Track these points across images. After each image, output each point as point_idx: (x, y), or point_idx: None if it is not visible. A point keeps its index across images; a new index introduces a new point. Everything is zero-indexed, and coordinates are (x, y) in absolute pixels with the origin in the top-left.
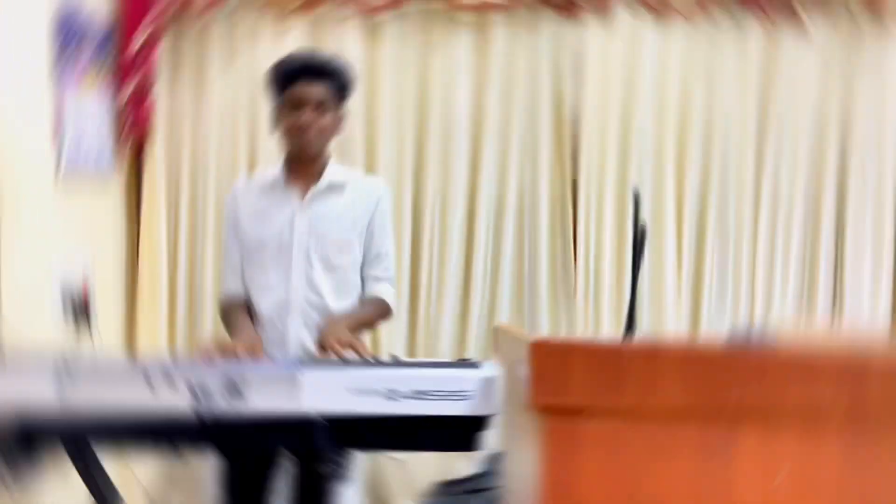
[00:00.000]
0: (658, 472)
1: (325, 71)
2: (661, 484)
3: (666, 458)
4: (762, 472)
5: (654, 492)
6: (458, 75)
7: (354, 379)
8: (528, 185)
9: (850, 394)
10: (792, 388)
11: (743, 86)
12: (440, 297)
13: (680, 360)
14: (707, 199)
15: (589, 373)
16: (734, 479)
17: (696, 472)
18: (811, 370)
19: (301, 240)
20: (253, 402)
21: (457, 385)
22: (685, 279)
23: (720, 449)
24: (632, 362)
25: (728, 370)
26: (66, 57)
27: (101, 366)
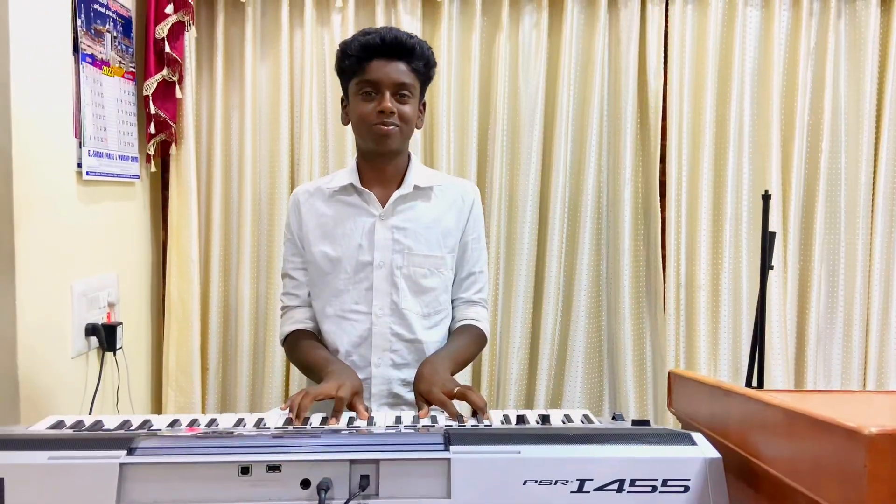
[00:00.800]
0: None
1: (406, 49)
2: None
3: None
4: None
5: None
6: (528, 61)
7: (529, 465)
8: (607, 183)
9: None
10: None
11: (855, 69)
12: (507, 311)
13: None
14: (814, 196)
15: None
16: None
17: None
18: None
19: (384, 257)
20: (389, 499)
21: (671, 471)
22: (791, 290)
23: None
24: None
25: None
26: (87, 48)
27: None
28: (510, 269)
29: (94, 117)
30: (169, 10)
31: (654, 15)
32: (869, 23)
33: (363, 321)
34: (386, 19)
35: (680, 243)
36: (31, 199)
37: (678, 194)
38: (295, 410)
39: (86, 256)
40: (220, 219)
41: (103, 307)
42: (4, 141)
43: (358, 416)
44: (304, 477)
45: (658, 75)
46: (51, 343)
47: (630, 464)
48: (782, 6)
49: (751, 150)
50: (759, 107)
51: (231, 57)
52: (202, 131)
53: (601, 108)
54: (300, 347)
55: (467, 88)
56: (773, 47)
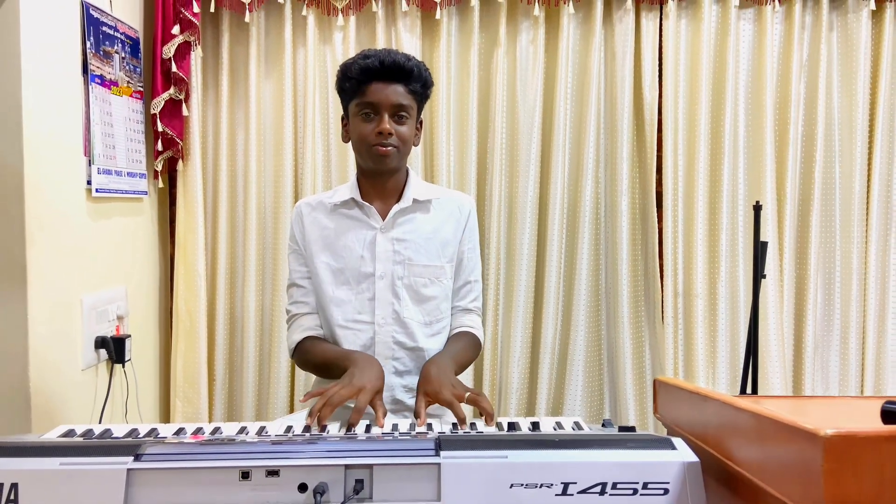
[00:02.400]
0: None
1: (404, 71)
2: None
3: None
4: None
5: None
6: (525, 75)
7: (515, 469)
8: (605, 195)
9: None
10: None
11: (848, 80)
12: (508, 320)
13: None
14: (809, 205)
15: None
16: None
17: None
18: None
19: (385, 268)
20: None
21: (651, 474)
22: (787, 298)
23: None
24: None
25: None
26: (96, 69)
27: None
28: (510, 279)
29: (103, 136)
30: (175, 31)
31: (649, 29)
32: (860, 35)
33: (366, 330)
34: (386, 37)
35: (677, 253)
36: (43, 215)
37: (674, 204)
38: (314, 419)
39: (95, 271)
40: (226, 233)
41: (112, 320)
42: (16, 160)
43: (376, 422)
44: (301, 481)
45: (653, 88)
46: (61, 355)
47: (612, 468)
48: (775, 20)
49: (746, 160)
50: (753, 118)
51: (236, 75)
52: (208, 148)
53: (598, 121)
54: (314, 350)
55: (466, 102)
56: (766, 60)
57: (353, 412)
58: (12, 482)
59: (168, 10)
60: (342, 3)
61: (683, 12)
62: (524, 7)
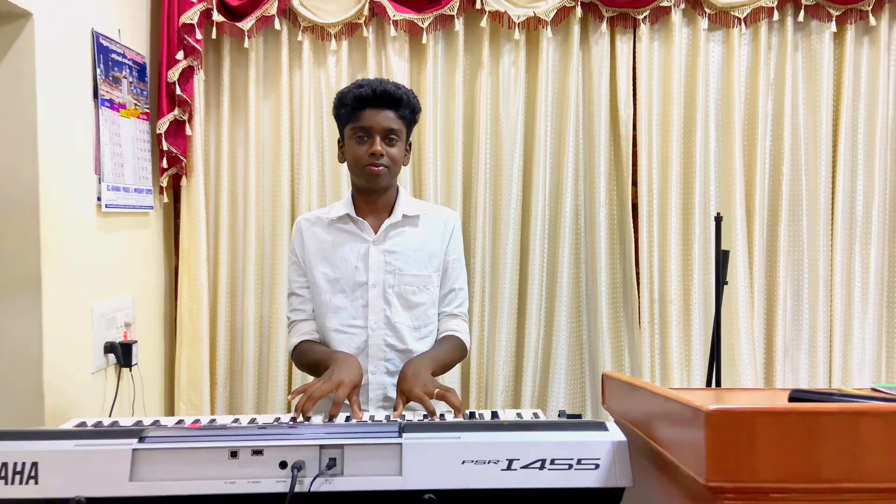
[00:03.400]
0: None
1: (394, 98)
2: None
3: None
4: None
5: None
6: (507, 96)
7: (467, 448)
8: (584, 207)
9: None
10: None
11: (812, 98)
12: (493, 325)
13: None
14: (778, 218)
15: (778, 447)
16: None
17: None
18: None
19: (377, 277)
20: (351, 476)
21: (586, 451)
22: (758, 304)
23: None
24: (829, 431)
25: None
26: (106, 94)
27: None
28: (495, 288)
29: (112, 155)
30: (179, 56)
31: (623, 51)
32: (823, 55)
33: (360, 334)
34: (376, 60)
35: (652, 261)
36: (56, 229)
37: (649, 215)
38: (299, 412)
39: (104, 280)
40: (226, 245)
41: (120, 327)
42: (32, 178)
43: (353, 416)
44: (282, 459)
45: (628, 106)
46: (73, 359)
47: (551, 446)
48: (742, 41)
49: (716, 173)
50: (723, 134)
51: (236, 97)
52: (210, 165)
53: (576, 137)
54: (307, 352)
55: (452, 120)
56: (735, 79)
57: (332, 405)
58: (33, 461)
59: (173, 37)
60: (335, 29)
61: (655, 34)
62: (505, 31)
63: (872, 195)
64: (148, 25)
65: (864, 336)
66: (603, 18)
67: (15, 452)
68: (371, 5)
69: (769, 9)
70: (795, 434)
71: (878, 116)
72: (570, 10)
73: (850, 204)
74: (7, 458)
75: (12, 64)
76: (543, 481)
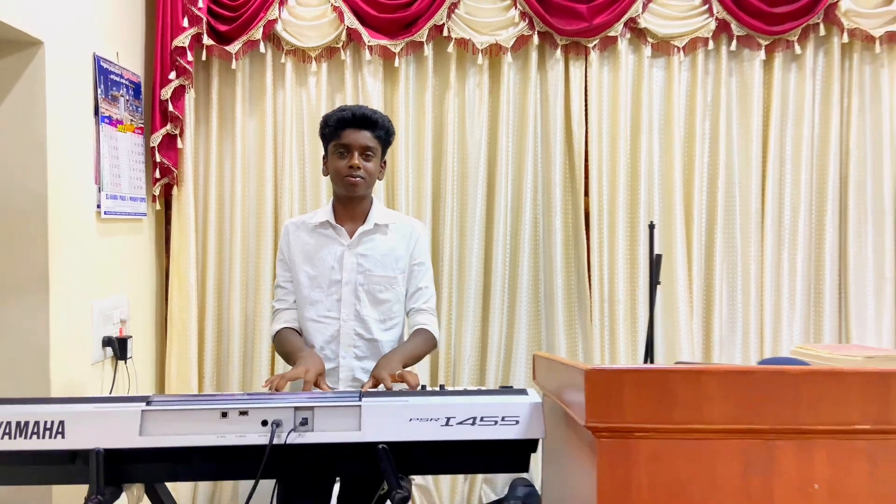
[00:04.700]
0: (704, 485)
1: (372, 121)
2: (708, 496)
3: (711, 472)
4: (798, 484)
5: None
6: (473, 114)
7: (413, 408)
8: (542, 216)
9: (877, 407)
10: (823, 405)
11: (745, 118)
12: (459, 323)
13: (722, 382)
14: (714, 226)
15: (640, 397)
16: (773, 490)
17: (738, 485)
18: (840, 387)
19: (350, 277)
20: (320, 431)
21: (508, 411)
22: (696, 304)
23: (760, 463)
24: (678, 386)
25: (766, 390)
26: (105, 111)
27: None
28: (461, 291)
29: (110, 167)
30: (172, 76)
31: (576, 75)
32: (754, 80)
33: (333, 324)
34: (353, 81)
35: (602, 264)
36: (61, 234)
37: (600, 223)
38: (273, 389)
39: (102, 281)
40: (214, 249)
41: (116, 323)
42: (41, 189)
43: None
44: (263, 418)
45: (581, 124)
46: (76, 352)
47: (481, 407)
48: (682, 67)
49: (659, 185)
50: (664, 150)
51: (224, 113)
52: (199, 176)
53: (535, 152)
54: (285, 341)
55: (422, 136)
56: (675, 101)
57: (303, 384)
58: (60, 420)
59: (166, 58)
60: (315, 52)
61: (605, 61)
62: (470, 56)
63: (799, 205)
64: (143, 47)
65: (793, 332)
66: (557, 46)
67: (45, 413)
68: (348, 32)
69: (705, 39)
70: (653, 387)
71: (804, 135)
72: (528, 38)
73: (778, 213)
74: (39, 418)
75: (25, 87)
76: (474, 434)
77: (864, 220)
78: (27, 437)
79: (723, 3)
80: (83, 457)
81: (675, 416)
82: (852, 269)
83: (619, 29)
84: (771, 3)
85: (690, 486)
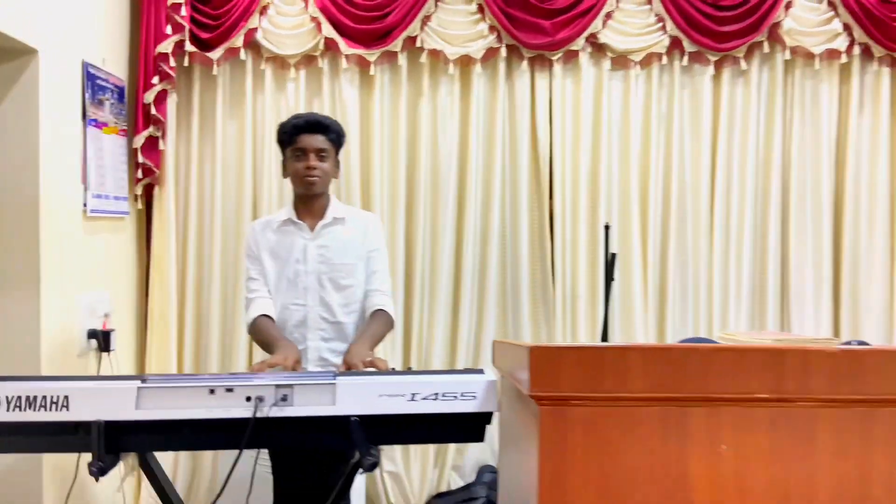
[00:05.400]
0: (628, 445)
1: (324, 125)
2: (630, 454)
3: (634, 434)
4: (708, 445)
5: (625, 460)
6: (445, 121)
7: (382, 385)
8: (509, 217)
9: (773, 379)
10: (728, 377)
11: (696, 128)
12: (432, 317)
13: (645, 357)
14: (668, 227)
15: (575, 370)
16: (687, 450)
17: (657, 445)
18: (742, 362)
19: (313, 266)
20: (299, 406)
21: (466, 388)
22: (651, 299)
23: (675, 427)
24: (608, 360)
25: (681, 364)
26: (92, 114)
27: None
28: (434, 285)
29: (96, 167)
30: (155, 81)
31: (542, 85)
32: (704, 93)
33: (301, 310)
34: (331, 88)
35: (565, 262)
36: (52, 233)
37: (563, 224)
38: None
39: (88, 276)
40: (194, 247)
41: (100, 316)
42: (34, 190)
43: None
44: (247, 394)
45: (546, 132)
46: (64, 343)
47: (442, 384)
48: (638, 80)
49: (618, 190)
50: (622, 157)
51: (205, 117)
52: (180, 176)
53: (503, 156)
54: (261, 329)
55: (397, 141)
56: (632, 111)
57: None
58: (65, 394)
59: (149, 64)
60: (294, 60)
61: (568, 73)
62: (442, 66)
63: (745, 209)
64: (127, 53)
65: (739, 327)
66: (524, 58)
67: (51, 388)
68: (326, 41)
69: (659, 54)
70: (586, 362)
71: (750, 144)
72: (496, 50)
73: (725, 216)
74: (46, 393)
75: (20, 93)
76: (436, 408)
77: (804, 224)
78: (35, 410)
79: (676, 21)
80: (85, 428)
81: (605, 386)
82: (793, 268)
83: (581, 44)
84: (719, 22)
85: (617, 447)
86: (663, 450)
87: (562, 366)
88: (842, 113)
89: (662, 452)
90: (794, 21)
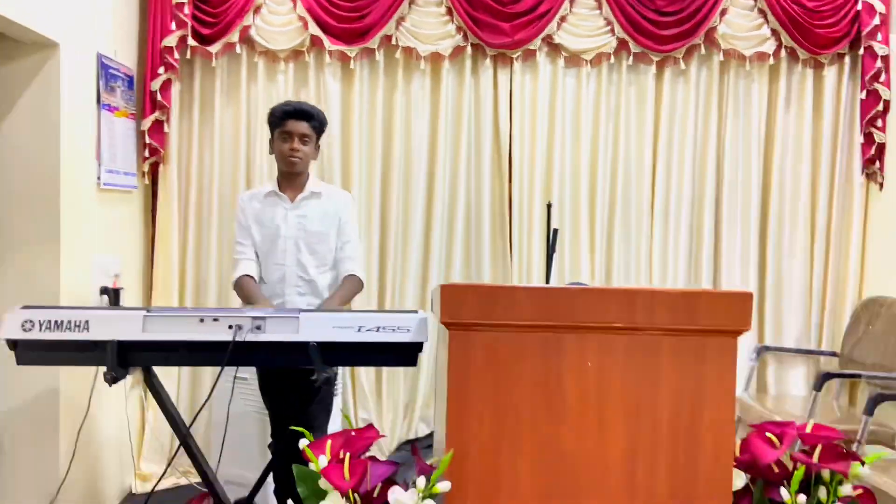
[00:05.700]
0: (516, 361)
1: (308, 113)
2: (519, 368)
3: (522, 354)
4: (578, 361)
5: (515, 372)
6: (417, 110)
7: (335, 319)
8: (473, 196)
9: (626, 313)
10: (593, 310)
11: (640, 122)
12: (402, 290)
13: (529, 294)
14: (614, 210)
15: (476, 302)
16: (561, 365)
17: (539, 363)
18: (603, 299)
19: (291, 232)
20: (270, 333)
21: (402, 322)
22: (598, 272)
23: (553, 347)
24: (501, 296)
25: (557, 300)
26: (105, 100)
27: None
28: (405, 263)
29: (109, 146)
30: (161, 71)
31: (503, 81)
32: (648, 90)
33: (280, 270)
34: (316, 80)
35: (521, 239)
36: (70, 201)
37: (520, 204)
38: None
39: (101, 240)
40: (194, 219)
41: (111, 276)
42: (55, 163)
43: None
44: (230, 323)
45: (506, 123)
46: (79, 297)
47: (382, 319)
48: (590, 77)
49: (570, 177)
50: (574, 148)
51: (204, 104)
52: (182, 156)
53: (468, 145)
54: (243, 287)
55: (374, 129)
56: (583, 106)
57: None
58: (85, 319)
59: (156, 56)
60: (283, 54)
61: (526, 69)
62: (415, 62)
63: (682, 194)
64: (136, 46)
65: None
66: (487, 56)
67: (75, 312)
68: (312, 38)
69: (608, 54)
70: (485, 296)
71: (688, 136)
72: (463, 48)
73: (665, 204)
74: (71, 318)
75: (43, 81)
76: (378, 338)
77: (735, 207)
78: (62, 331)
79: (622, 25)
80: (101, 346)
81: (498, 315)
82: (724, 253)
83: (538, 44)
84: (661, 27)
85: (509, 364)
86: (544, 365)
87: (465, 299)
88: (770, 109)
89: (543, 367)
90: (728, 26)
